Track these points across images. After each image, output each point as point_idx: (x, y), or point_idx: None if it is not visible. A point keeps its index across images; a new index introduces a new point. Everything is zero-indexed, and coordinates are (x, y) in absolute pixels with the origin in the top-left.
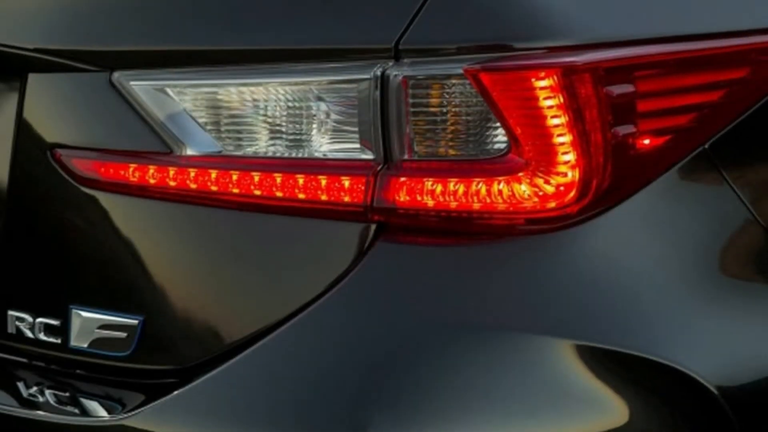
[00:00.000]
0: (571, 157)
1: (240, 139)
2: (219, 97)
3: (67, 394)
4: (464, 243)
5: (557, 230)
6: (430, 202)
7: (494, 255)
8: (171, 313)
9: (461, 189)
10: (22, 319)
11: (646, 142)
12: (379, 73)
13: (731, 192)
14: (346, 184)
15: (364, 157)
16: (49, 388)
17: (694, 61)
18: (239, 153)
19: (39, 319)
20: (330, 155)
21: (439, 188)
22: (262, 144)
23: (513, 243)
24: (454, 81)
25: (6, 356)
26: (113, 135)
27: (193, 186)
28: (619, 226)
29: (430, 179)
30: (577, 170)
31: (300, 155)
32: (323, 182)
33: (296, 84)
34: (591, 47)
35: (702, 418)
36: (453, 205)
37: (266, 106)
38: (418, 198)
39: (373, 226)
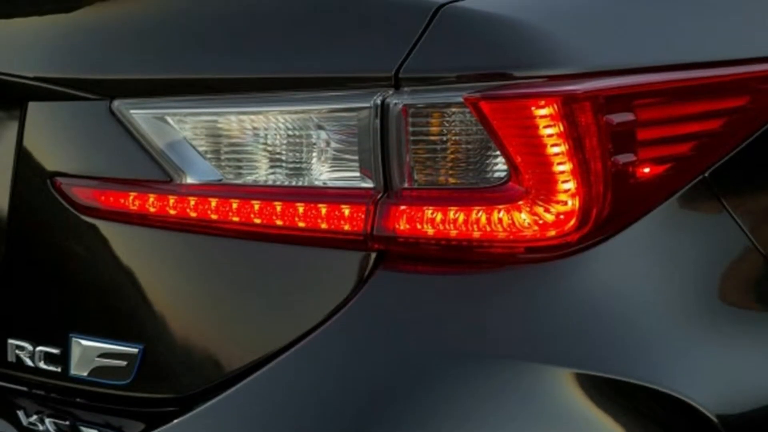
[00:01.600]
0: (571, 185)
1: (240, 167)
2: (219, 125)
3: (67, 423)
4: (464, 271)
5: (557, 259)
6: (430, 231)
7: (494, 283)
8: (171, 342)
9: (461, 217)
10: (22, 348)
11: (646, 170)
12: (379, 101)
13: (731, 220)
14: (346, 212)
15: (364, 185)
16: (49, 416)
17: (693, 89)
18: (239, 181)
19: (39, 348)
20: (330, 184)
21: (439, 216)
22: (262, 172)
23: (513, 271)
24: (454, 109)
25: (6, 384)
26: (113, 163)
27: (193, 214)
28: (619, 254)
29: (430, 207)
30: (577, 199)
31: (300, 184)
32: (323, 211)
33: (296, 112)
34: (591, 76)
35: None
36: (453, 233)
37: (266, 135)
38: (418, 226)
39: (373, 255)
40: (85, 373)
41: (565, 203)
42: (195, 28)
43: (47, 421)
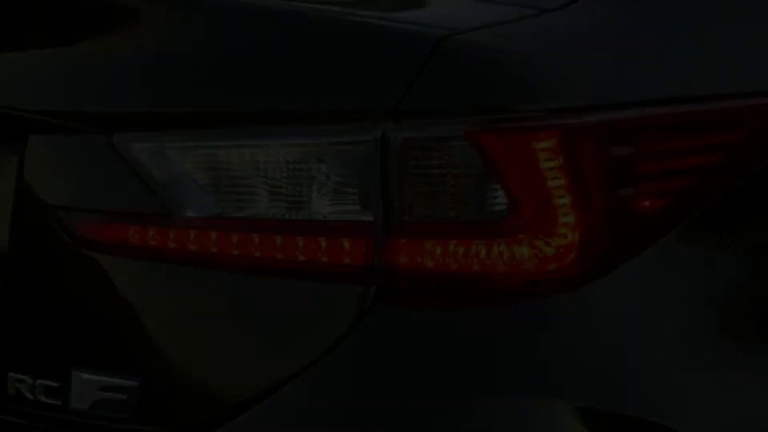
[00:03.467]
0: (571, 218)
1: (240, 200)
2: (219, 158)
3: None
4: (464, 305)
5: (557, 292)
6: (430, 264)
7: (494, 317)
8: (172, 375)
9: (461, 251)
10: (22, 381)
11: (647, 204)
12: (379, 135)
13: (732, 255)
14: (347, 245)
15: (364, 218)
16: None
17: (695, 123)
18: (239, 215)
19: (39, 381)
20: (330, 217)
21: (439, 250)
22: (262, 206)
23: (513, 305)
24: (454, 143)
25: (6, 418)
26: (114, 197)
27: (194, 248)
28: (619, 288)
29: (431, 241)
30: (577, 232)
31: (300, 217)
32: (323, 244)
33: (297, 146)
34: (591, 109)
35: None
36: (453, 266)
37: (267, 168)
38: (419, 260)
39: (374, 288)
40: (86, 407)
41: (565, 236)
42: (195, 61)
43: None
